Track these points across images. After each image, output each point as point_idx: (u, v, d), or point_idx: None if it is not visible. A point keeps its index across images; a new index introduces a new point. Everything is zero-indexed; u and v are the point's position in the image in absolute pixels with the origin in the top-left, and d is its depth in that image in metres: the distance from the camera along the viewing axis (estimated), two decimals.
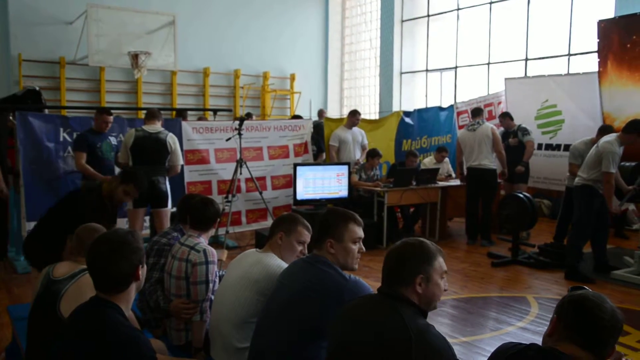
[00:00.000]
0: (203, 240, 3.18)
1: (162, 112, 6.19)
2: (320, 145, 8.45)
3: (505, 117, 7.97)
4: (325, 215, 2.56)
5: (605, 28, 7.78)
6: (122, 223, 6.52)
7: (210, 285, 3.05)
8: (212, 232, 3.30)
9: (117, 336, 1.90)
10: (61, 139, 6.35)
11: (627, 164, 6.08)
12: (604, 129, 6.22)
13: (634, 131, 5.59)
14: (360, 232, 2.53)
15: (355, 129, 8.15)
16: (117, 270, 2.00)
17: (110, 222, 3.64)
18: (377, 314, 1.97)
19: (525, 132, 7.74)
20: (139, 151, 5.53)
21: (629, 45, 7.52)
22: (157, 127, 5.68)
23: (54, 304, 2.60)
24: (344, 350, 2.01)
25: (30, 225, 5.98)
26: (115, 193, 4.00)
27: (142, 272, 2.09)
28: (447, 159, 8.61)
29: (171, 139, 5.67)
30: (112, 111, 6.21)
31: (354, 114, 8.09)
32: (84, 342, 1.91)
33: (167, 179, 5.69)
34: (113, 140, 6.08)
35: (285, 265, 2.72)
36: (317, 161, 8.20)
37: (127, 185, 4.01)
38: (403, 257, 2.02)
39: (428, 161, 8.59)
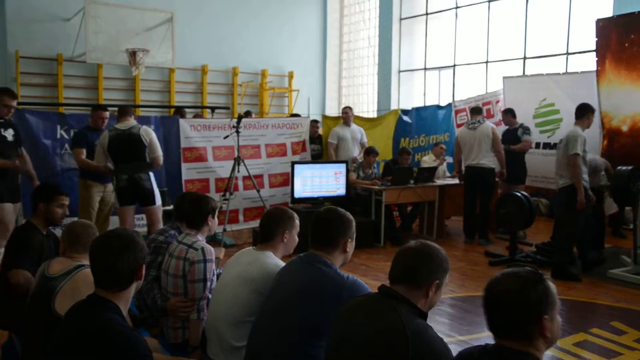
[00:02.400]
0: (201, 238, 3.18)
1: (159, 109, 6.16)
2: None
3: (507, 113, 7.93)
4: (335, 215, 2.58)
5: (604, 27, 7.78)
6: (114, 221, 6.53)
7: (208, 283, 3.05)
8: (209, 229, 3.28)
9: (114, 336, 1.90)
10: (58, 136, 6.35)
11: (624, 167, 6.08)
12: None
13: (587, 112, 5.81)
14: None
15: (355, 126, 8.16)
16: (123, 267, 2.00)
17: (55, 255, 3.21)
18: (376, 313, 1.97)
19: (526, 130, 7.73)
20: (116, 151, 5.37)
21: (627, 44, 7.52)
22: (129, 123, 5.51)
23: (49, 301, 2.59)
24: (343, 348, 2.02)
25: None
26: (51, 215, 3.52)
27: (144, 272, 2.10)
28: (447, 157, 8.61)
29: (144, 131, 5.48)
30: (110, 109, 6.19)
31: (344, 110, 8.16)
32: (80, 341, 1.90)
33: (151, 175, 5.53)
34: None
35: (282, 263, 2.73)
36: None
37: (53, 201, 3.53)
38: (428, 259, 2.01)
39: (428, 159, 8.60)
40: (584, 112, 5.81)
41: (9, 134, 4.91)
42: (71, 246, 2.86)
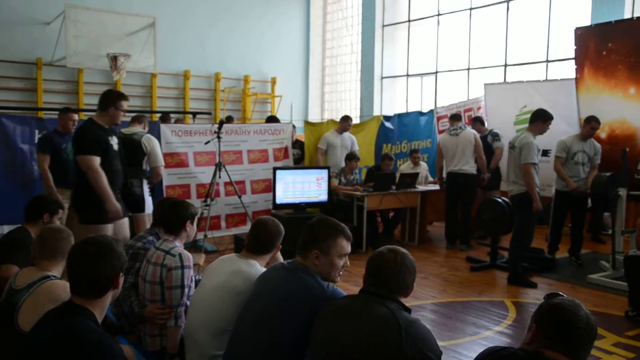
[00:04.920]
0: (179, 244, 3.14)
1: (141, 115, 6.09)
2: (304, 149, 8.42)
3: (476, 121, 8.04)
4: (315, 225, 2.51)
5: (582, 36, 7.89)
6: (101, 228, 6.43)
7: (186, 290, 3.01)
8: (187, 235, 3.24)
9: (89, 343, 1.86)
10: (36, 140, 6.25)
11: (602, 173, 6.17)
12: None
13: (537, 119, 5.79)
14: (348, 247, 2.51)
15: (346, 134, 8.15)
16: (99, 274, 1.97)
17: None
18: (366, 309, 2.07)
19: (496, 137, 7.80)
20: None
21: (604, 53, 7.63)
22: (134, 129, 5.56)
23: (12, 317, 2.52)
24: (333, 346, 2.07)
25: (4, 228, 5.86)
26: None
27: (121, 280, 2.07)
28: (424, 164, 8.63)
29: (146, 139, 5.48)
30: (91, 113, 6.10)
31: (346, 119, 8.10)
32: (54, 348, 1.87)
33: (144, 182, 5.50)
34: None
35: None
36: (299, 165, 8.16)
37: (57, 214, 3.80)
38: (408, 270, 2.18)
39: (405, 167, 8.59)
40: (533, 119, 5.85)
41: (115, 142, 4.50)
42: (40, 251, 2.80)
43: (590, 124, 6.45)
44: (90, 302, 1.98)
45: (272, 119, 8.76)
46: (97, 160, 4.17)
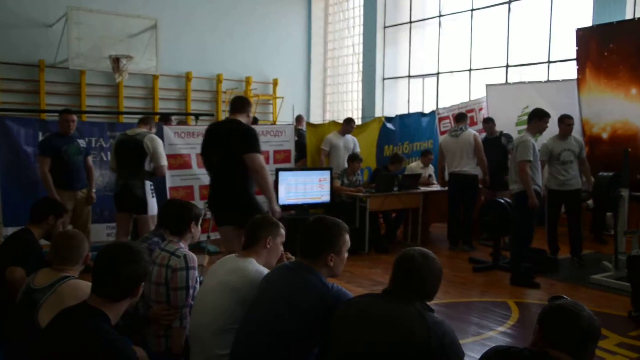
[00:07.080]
0: (183, 246, 3.16)
1: (143, 116, 6.09)
2: (303, 150, 8.44)
3: (489, 122, 7.98)
4: (320, 226, 2.53)
5: (584, 36, 7.90)
6: (102, 229, 6.47)
7: (191, 291, 3.03)
8: (191, 236, 3.26)
9: (104, 345, 1.88)
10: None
11: (605, 173, 6.17)
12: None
13: (533, 118, 5.86)
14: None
15: (348, 136, 8.19)
16: (122, 278, 2.00)
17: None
18: (396, 310, 2.10)
19: (509, 139, 7.77)
20: (119, 155, 5.49)
21: (606, 54, 7.64)
22: (138, 130, 5.57)
23: (33, 313, 2.56)
24: (363, 344, 2.08)
25: (8, 230, 5.88)
26: (55, 229, 3.73)
27: (140, 290, 2.09)
28: (431, 165, 8.66)
29: (149, 139, 5.46)
30: (93, 115, 6.12)
31: (349, 122, 8.16)
32: (68, 348, 1.89)
33: (146, 183, 5.48)
34: (82, 143, 5.89)
35: (264, 270, 2.72)
36: (297, 166, 8.18)
37: (62, 217, 3.86)
38: (437, 276, 2.23)
39: (415, 165, 8.62)
40: (530, 119, 5.92)
41: None
42: (55, 256, 2.85)
43: (564, 122, 6.52)
44: (107, 305, 2.01)
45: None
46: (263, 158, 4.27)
